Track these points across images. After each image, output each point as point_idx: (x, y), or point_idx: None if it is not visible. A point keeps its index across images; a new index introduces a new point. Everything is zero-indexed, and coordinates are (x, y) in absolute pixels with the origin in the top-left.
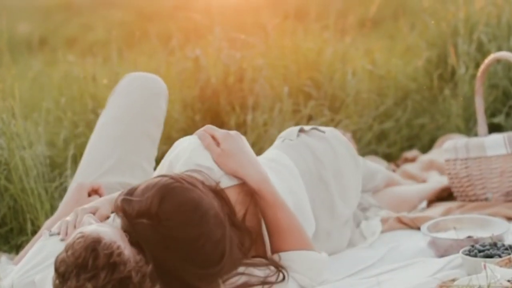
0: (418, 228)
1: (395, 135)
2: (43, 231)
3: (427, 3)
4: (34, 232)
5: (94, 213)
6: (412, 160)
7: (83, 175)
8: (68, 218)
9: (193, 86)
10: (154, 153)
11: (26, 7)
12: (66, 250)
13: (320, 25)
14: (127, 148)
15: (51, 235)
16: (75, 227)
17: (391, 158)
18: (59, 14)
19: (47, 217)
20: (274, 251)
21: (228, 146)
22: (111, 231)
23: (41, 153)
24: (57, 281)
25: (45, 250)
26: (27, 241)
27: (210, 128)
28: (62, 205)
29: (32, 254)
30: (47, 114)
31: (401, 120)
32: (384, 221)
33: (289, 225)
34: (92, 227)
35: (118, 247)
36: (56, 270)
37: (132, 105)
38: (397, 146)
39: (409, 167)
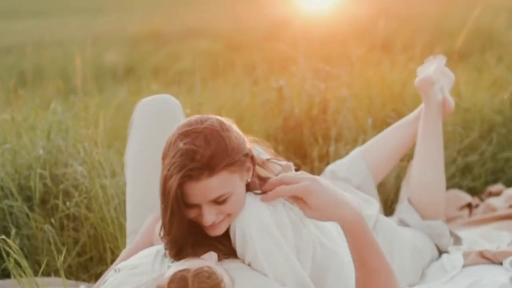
0: (501, 263)
1: (479, 168)
2: (113, 267)
3: None
4: (114, 261)
5: None
6: (497, 194)
7: (132, 217)
8: None
9: (277, 117)
10: None
11: (115, 36)
12: (193, 274)
13: (406, 56)
14: (158, 178)
15: (118, 271)
16: None
17: (475, 192)
18: (147, 43)
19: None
20: None
21: (315, 201)
22: (227, 281)
23: (123, 182)
24: None
25: (114, 283)
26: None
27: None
28: (139, 234)
29: None
30: None
31: (486, 153)
32: (466, 255)
33: (376, 268)
34: (220, 269)
35: None
36: (170, 282)
37: (153, 135)
38: (481, 179)
39: (493, 201)
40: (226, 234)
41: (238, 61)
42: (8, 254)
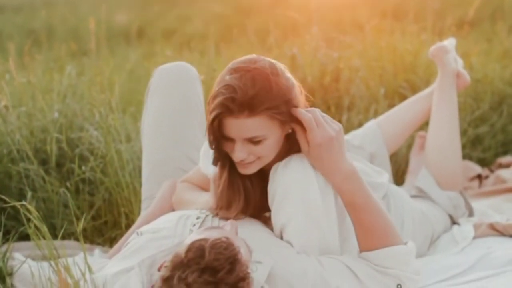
0: (511, 235)
1: (490, 140)
2: (134, 230)
3: None
4: (128, 226)
5: None
6: (507, 165)
7: (148, 182)
8: None
9: None
10: (201, 139)
11: None
12: (210, 245)
13: (418, 26)
14: (174, 145)
15: (140, 234)
16: None
17: (485, 163)
18: (157, 5)
19: (141, 212)
20: (361, 249)
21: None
22: (245, 252)
23: (138, 147)
24: (177, 259)
25: (135, 247)
26: (121, 235)
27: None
28: (155, 201)
29: (124, 253)
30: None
31: (497, 125)
32: (476, 226)
33: (372, 225)
34: (238, 240)
35: (250, 274)
36: (188, 251)
37: (171, 102)
38: (491, 151)
39: (503, 173)
40: (260, 179)
41: (249, 26)
42: (28, 219)
